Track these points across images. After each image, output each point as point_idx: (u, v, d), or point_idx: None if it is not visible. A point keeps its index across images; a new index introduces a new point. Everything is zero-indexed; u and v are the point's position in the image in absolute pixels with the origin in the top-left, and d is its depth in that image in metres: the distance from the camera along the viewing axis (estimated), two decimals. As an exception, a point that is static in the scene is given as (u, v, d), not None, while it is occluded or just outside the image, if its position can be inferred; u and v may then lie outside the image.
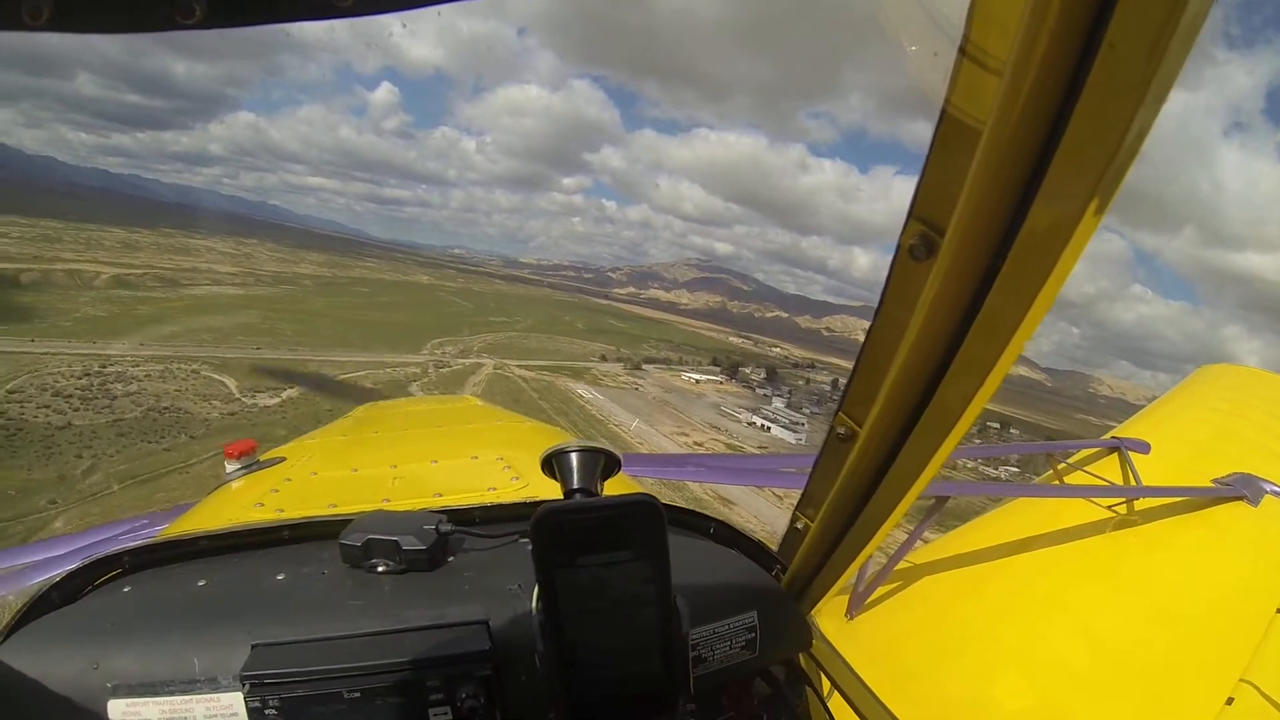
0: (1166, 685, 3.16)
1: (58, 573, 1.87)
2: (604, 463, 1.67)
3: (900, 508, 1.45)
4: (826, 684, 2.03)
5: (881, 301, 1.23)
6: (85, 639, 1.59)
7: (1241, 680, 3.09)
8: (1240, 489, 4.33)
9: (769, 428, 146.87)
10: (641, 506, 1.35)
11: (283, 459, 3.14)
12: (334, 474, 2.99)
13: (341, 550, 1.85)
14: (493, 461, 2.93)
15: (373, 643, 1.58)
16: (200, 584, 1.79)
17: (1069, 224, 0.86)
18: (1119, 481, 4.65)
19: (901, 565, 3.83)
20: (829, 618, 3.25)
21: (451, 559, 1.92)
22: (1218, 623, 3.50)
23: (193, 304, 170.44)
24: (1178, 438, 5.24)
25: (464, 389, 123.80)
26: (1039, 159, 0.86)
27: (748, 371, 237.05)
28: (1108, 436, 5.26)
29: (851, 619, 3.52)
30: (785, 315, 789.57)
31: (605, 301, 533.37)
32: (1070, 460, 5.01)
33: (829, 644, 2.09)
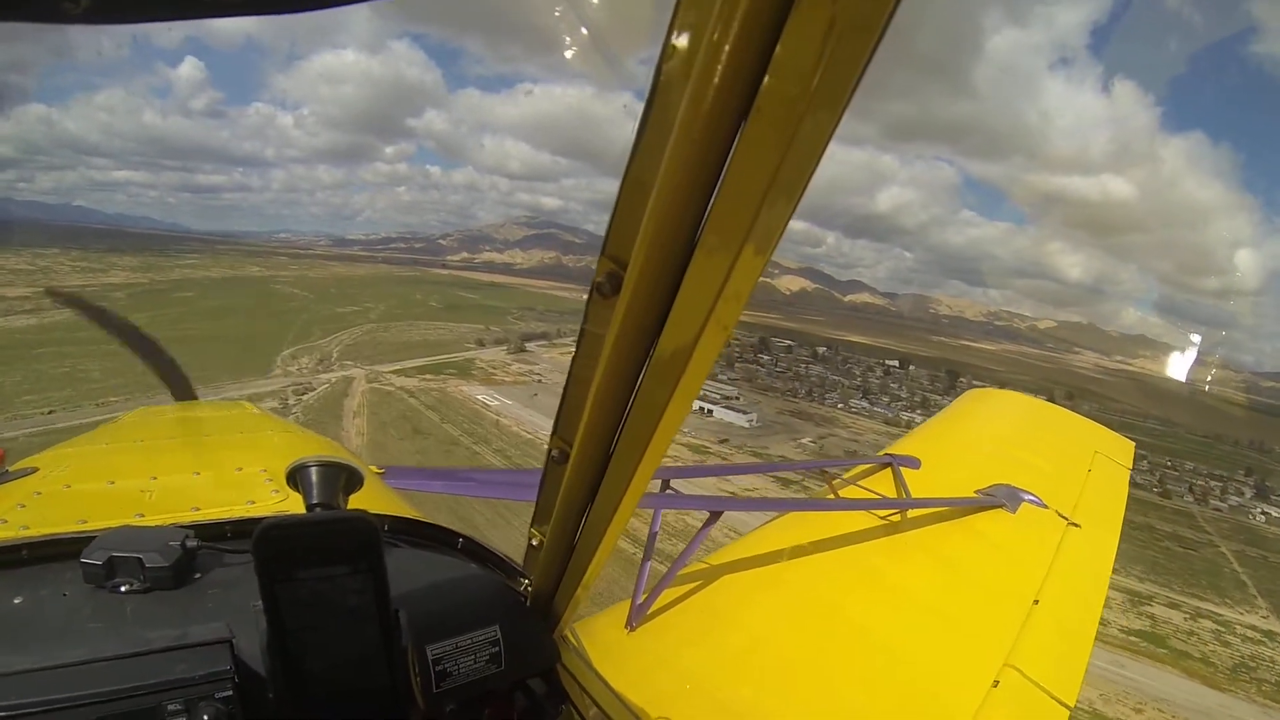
0: (939, 674, 3.43)
1: None
2: (345, 478, 1.68)
3: (616, 520, 1.47)
4: (582, 697, 2.05)
5: (580, 334, 1.27)
6: None
7: (1006, 665, 3.37)
8: (1001, 498, 4.72)
9: (710, 410, 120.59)
10: (356, 522, 1.36)
11: (34, 470, 2.86)
12: (88, 486, 2.76)
13: (83, 569, 1.71)
14: (256, 474, 2.82)
15: (111, 668, 1.45)
16: None
17: (727, 263, 0.93)
18: (892, 495, 4.81)
19: (683, 575, 3.86)
20: (608, 629, 3.53)
21: (198, 576, 1.80)
22: (984, 616, 3.82)
23: None
24: (946, 454, 5.59)
25: (344, 422, 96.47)
26: (703, 203, 0.92)
27: None
28: (881, 454, 5.45)
29: (632, 630, 3.49)
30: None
31: (445, 272, 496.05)
32: (845, 476, 5.14)
33: (584, 659, 2.12)
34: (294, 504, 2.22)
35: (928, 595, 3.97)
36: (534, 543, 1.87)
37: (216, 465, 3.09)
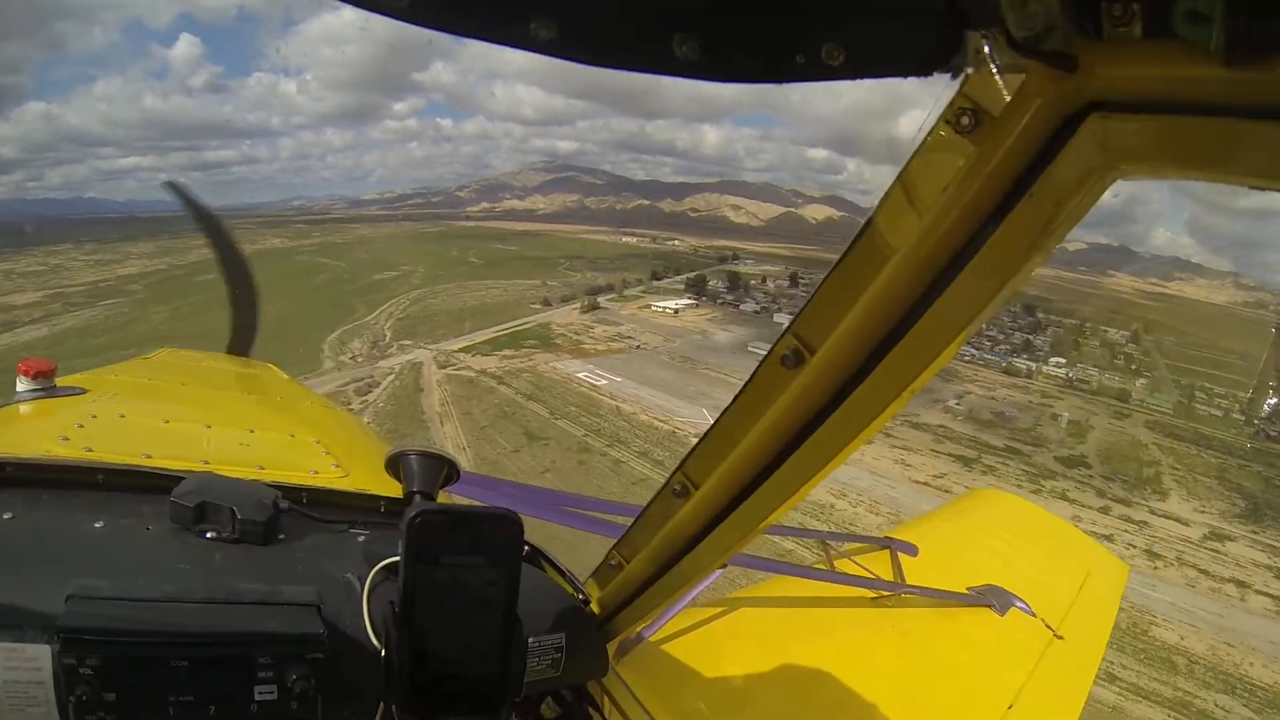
0: None
1: None
2: (445, 471, 1.75)
3: (711, 569, 1.56)
4: (609, 708, 2.12)
5: (744, 389, 1.27)
6: None
7: None
8: (990, 599, 4.62)
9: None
10: (505, 520, 1.44)
11: (83, 390, 2.92)
12: (144, 421, 2.84)
13: (172, 508, 1.72)
14: (310, 444, 2.89)
15: (203, 610, 1.46)
16: (6, 516, 1.63)
17: (929, 354, 0.98)
18: (887, 577, 4.68)
19: (675, 619, 3.78)
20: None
21: (282, 537, 1.83)
22: (957, 714, 3.80)
23: None
24: (943, 547, 5.42)
25: (432, 430, 78.77)
26: (917, 301, 0.95)
27: (711, 284, 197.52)
28: (882, 535, 5.33)
29: (619, 661, 3.32)
30: (647, 202, 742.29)
31: (470, 223, 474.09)
32: (843, 549, 5.02)
33: (619, 675, 2.19)
34: (355, 480, 2.33)
35: (907, 684, 3.88)
36: (613, 563, 1.89)
37: (268, 427, 3.16)
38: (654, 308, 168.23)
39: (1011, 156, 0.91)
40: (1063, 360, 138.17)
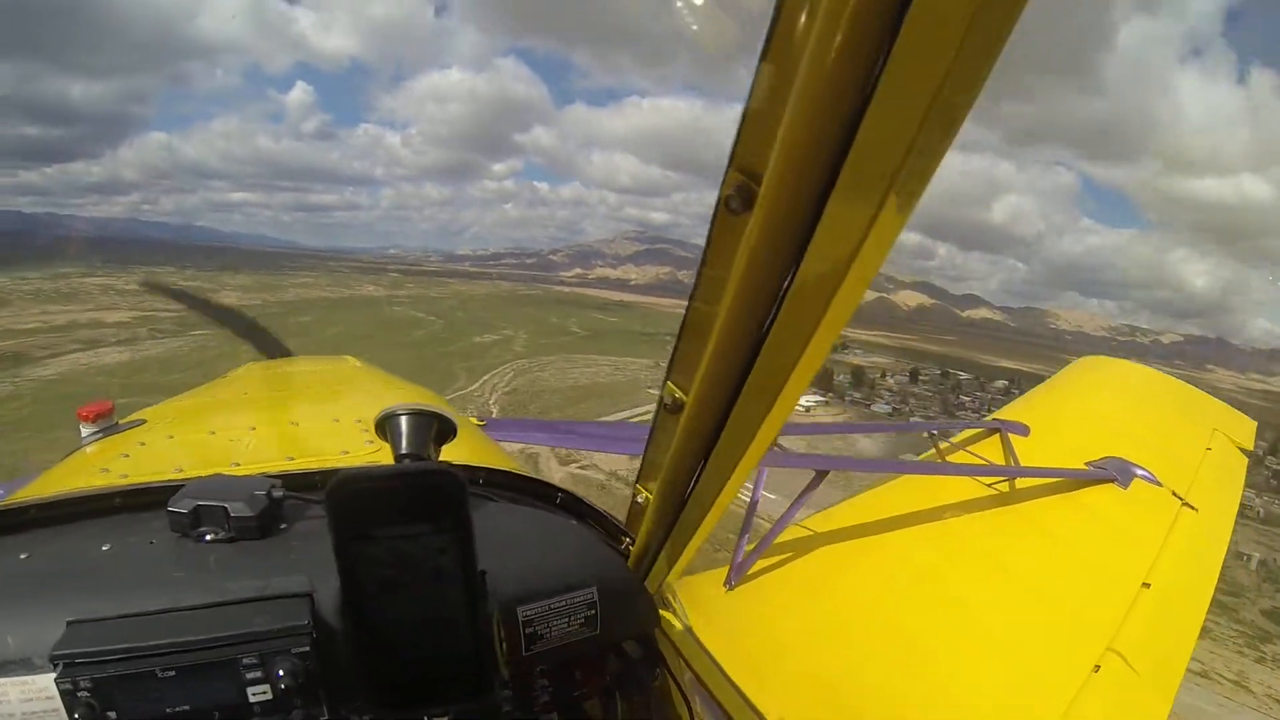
0: (1038, 656, 3.32)
1: None
2: (437, 427, 1.57)
3: (734, 478, 1.37)
4: (678, 662, 1.99)
5: (702, 262, 1.08)
6: None
7: (1108, 649, 3.25)
8: (1112, 472, 4.51)
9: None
10: (439, 476, 1.26)
11: (143, 421, 2.82)
12: (191, 437, 2.71)
13: (169, 518, 1.67)
14: (351, 424, 2.73)
15: (190, 617, 1.43)
16: (23, 557, 1.62)
17: (890, 170, 0.79)
18: (1000, 462, 4.72)
19: (783, 538, 3.82)
20: (707, 587, 3.52)
21: (284, 527, 1.74)
22: (1088, 597, 3.68)
23: (28, 403, 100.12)
24: (1055, 423, 5.35)
25: None
26: (860, 99, 0.77)
27: (831, 377, 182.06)
28: (989, 419, 5.33)
29: (730, 589, 3.49)
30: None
31: (565, 289, 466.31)
32: (953, 440, 5.02)
33: (684, 622, 2.05)
34: (389, 454, 2.09)
35: (1032, 571, 3.80)
36: (639, 499, 1.73)
37: (314, 416, 3.08)
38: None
39: None
40: None
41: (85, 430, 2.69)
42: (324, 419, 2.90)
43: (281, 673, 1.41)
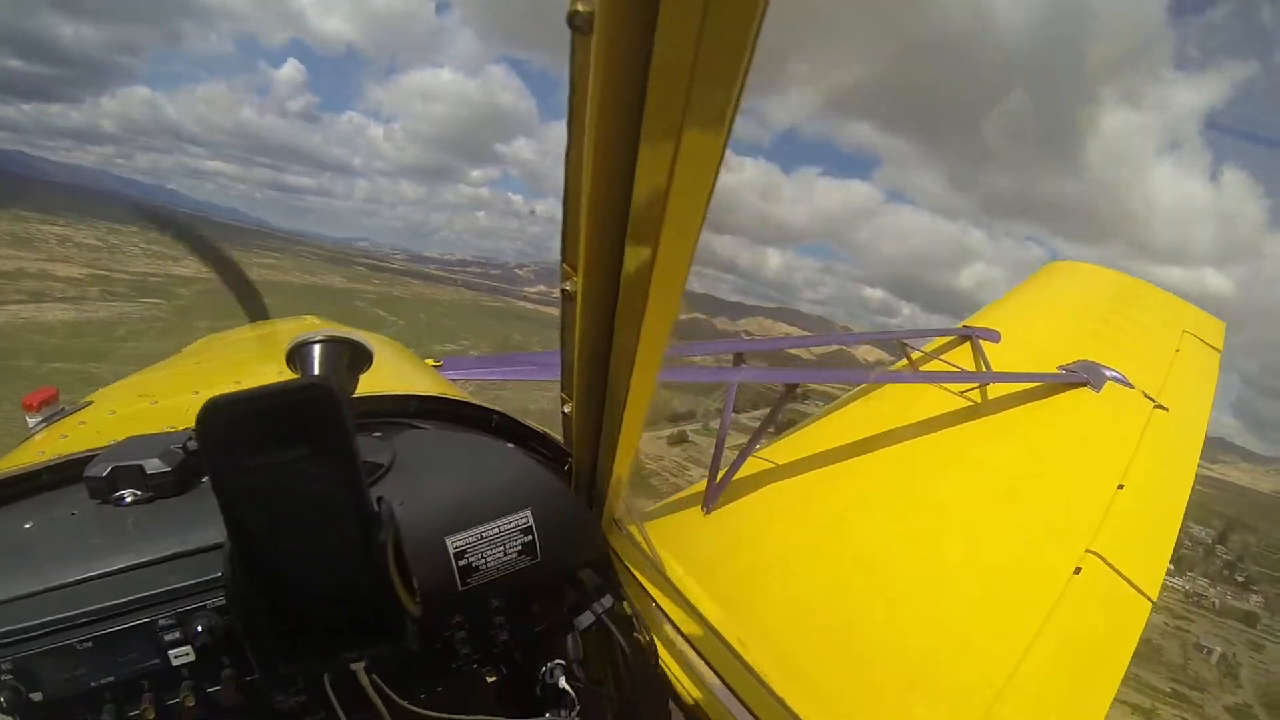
0: (1020, 561, 3.34)
1: None
2: (350, 354, 1.43)
3: (640, 365, 1.20)
4: (649, 588, 1.92)
5: (570, 93, 0.93)
6: None
7: (1088, 551, 3.27)
8: (1084, 375, 4.52)
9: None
10: (311, 390, 1.12)
11: (90, 403, 2.74)
12: (132, 409, 2.63)
13: (87, 485, 1.60)
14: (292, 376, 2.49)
15: (105, 585, 1.38)
16: None
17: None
18: (971, 369, 4.71)
19: (759, 458, 3.86)
20: (684, 512, 3.56)
21: (204, 480, 1.64)
22: (1066, 499, 3.70)
23: None
24: (1026, 329, 5.35)
25: None
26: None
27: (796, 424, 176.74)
28: (959, 326, 5.29)
29: (708, 513, 3.51)
30: (704, 317, 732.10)
31: (529, 306, 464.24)
32: (924, 349, 5.03)
33: (642, 546, 1.96)
34: None
35: (1009, 476, 3.82)
36: (565, 411, 1.61)
37: (261, 375, 2.52)
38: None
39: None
40: (1170, 567, 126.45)
41: (31, 420, 2.62)
42: (270, 376, 2.08)
43: (200, 629, 1.34)
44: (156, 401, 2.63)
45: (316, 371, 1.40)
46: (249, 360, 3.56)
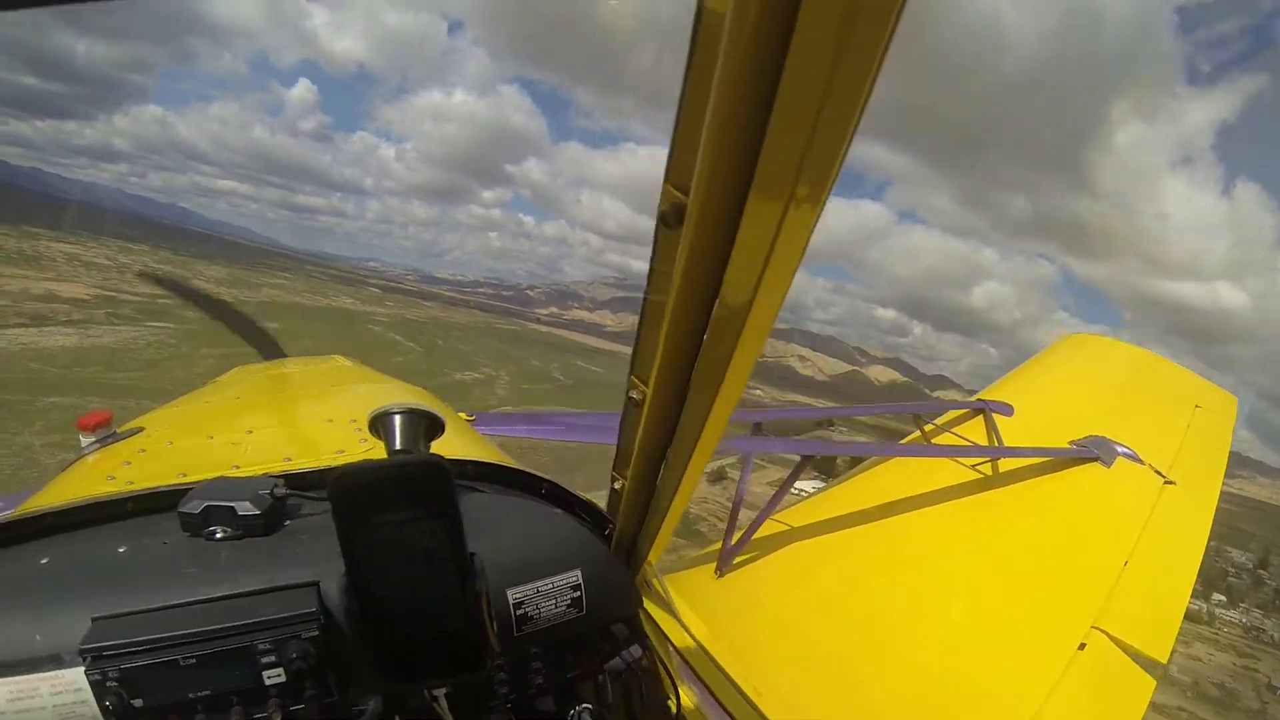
0: (1025, 634, 3.39)
1: None
2: (427, 424, 1.67)
3: (694, 462, 1.45)
4: (664, 645, 2.10)
5: (650, 270, 1.21)
6: None
7: (1093, 627, 3.31)
8: (1095, 451, 4.54)
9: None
10: (428, 467, 1.36)
11: (141, 429, 2.94)
12: (188, 442, 2.81)
13: (180, 519, 1.79)
14: (346, 424, 2.83)
15: (206, 609, 1.54)
16: (43, 562, 1.73)
17: (791, 179, 0.84)
18: (983, 442, 4.76)
19: (773, 523, 3.94)
20: (698, 575, 3.63)
21: (288, 523, 1.87)
22: (1073, 574, 3.73)
23: None
24: (1039, 402, 5.37)
25: None
26: (759, 126, 0.81)
27: (835, 461, 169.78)
28: (973, 399, 5.33)
29: (721, 576, 3.60)
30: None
31: (543, 328, 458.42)
32: (937, 422, 5.05)
33: (668, 604, 2.15)
34: (382, 452, 2.18)
35: (1018, 549, 3.86)
36: (615, 487, 1.82)
37: (308, 417, 3.21)
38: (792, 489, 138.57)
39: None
40: (1223, 598, 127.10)
41: (85, 440, 2.78)
42: (318, 419, 3.03)
43: (294, 656, 1.50)
44: (213, 437, 2.81)
45: (399, 439, 1.61)
46: (294, 401, 3.74)
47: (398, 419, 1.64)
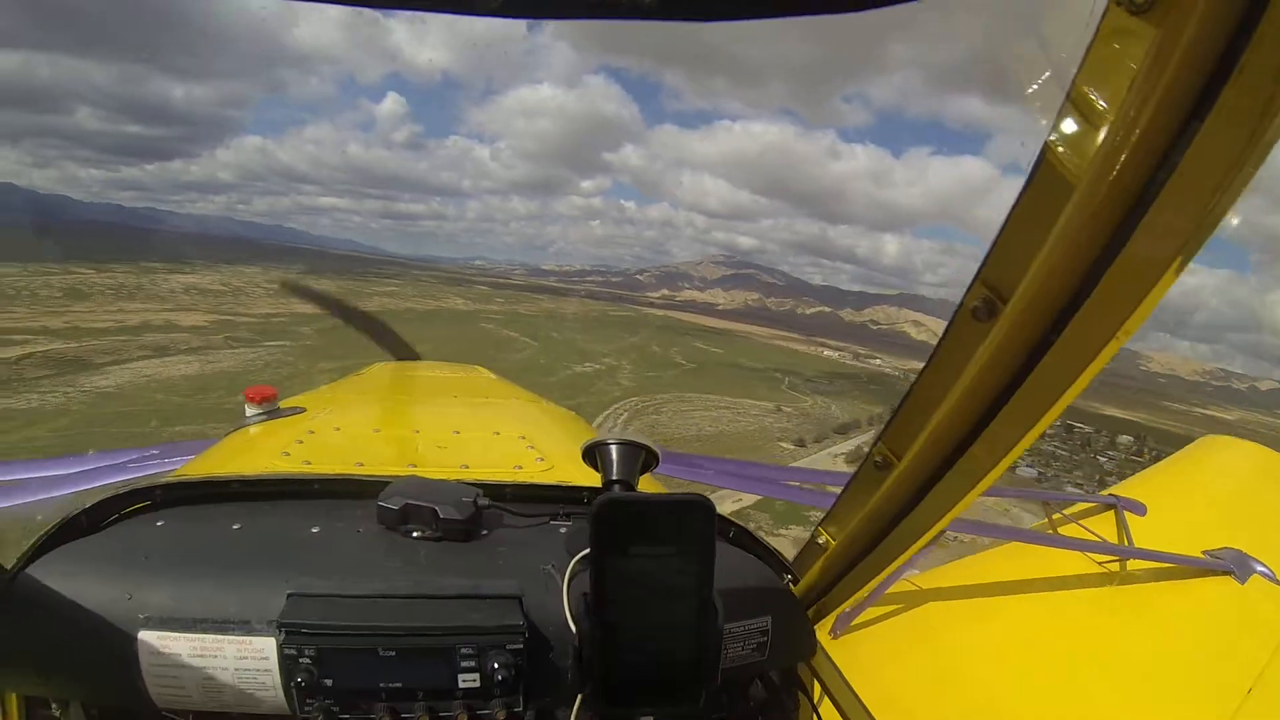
0: None
1: (80, 489, 1.93)
2: (644, 457, 1.73)
3: (924, 540, 1.50)
4: (818, 692, 2.12)
5: (937, 350, 1.23)
6: (118, 568, 1.60)
7: None
8: (1229, 564, 4.24)
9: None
10: (699, 507, 1.39)
11: (303, 409, 3.14)
12: (357, 431, 3.04)
13: (379, 511, 1.84)
14: (515, 439, 2.95)
15: (409, 606, 1.57)
16: (235, 527, 1.80)
17: (1145, 282, 0.85)
18: (1112, 539, 4.50)
19: (893, 591, 3.83)
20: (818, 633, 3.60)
21: (485, 533, 1.91)
22: (1192, 694, 3.50)
23: (74, 421, 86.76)
24: (1174, 504, 5.00)
25: None
26: (1120, 222, 0.83)
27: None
28: (1104, 493, 5.00)
29: (836, 637, 3.50)
30: (828, 309, 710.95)
31: (657, 311, 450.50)
32: (1066, 512, 4.79)
33: (828, 656, 2.18)
34: (559, 473, 2.42)
35: (1137, 656, 3.65)
36: (819, 541, 1.87)
37: (472, 426, 3.23)
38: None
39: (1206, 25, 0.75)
40: None
41: (250, 410, 2.98)
42: (483, 430, 3.10)
43: (496, 665, 1.53)
44: (379, 431, 3.01)
45: (615, 470, 1.69)
46: (451, 408, 3.81)
47: (615, 449, 1.70)
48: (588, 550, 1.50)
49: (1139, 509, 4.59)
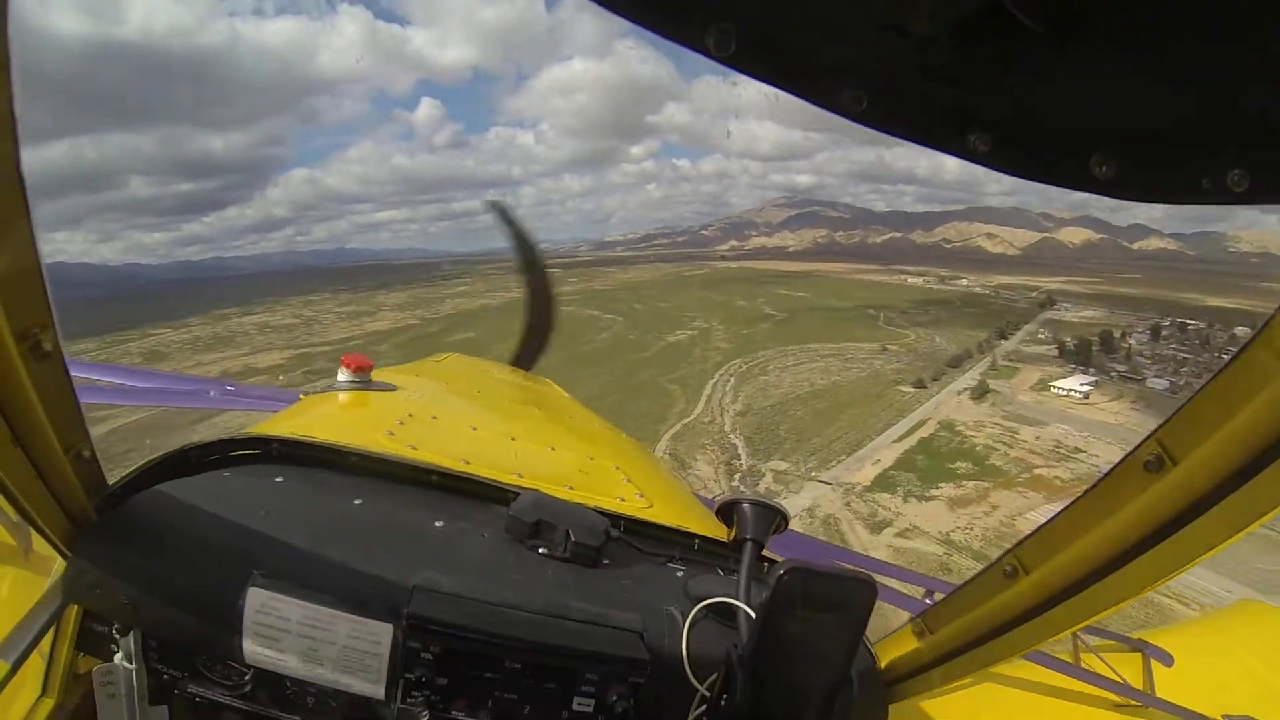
0: None
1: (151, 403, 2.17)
2: (777, 521, 1.85)
3: (1019, 652, 1.56)
4: None
5: (1096, 484, 1.28)
6: (237, 515, 1.60)
7: None
8: None
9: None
10: (864, 585, 1.46)
11: (394, 387, 3.18)
12: (454, 424, 3.08)
13: (509, 521, 1.87)
14: (609, 469, 2.99)
15: (537, 622, 1.58)
16: (356, 502, 1.82)
17: None
18: (1136, 683, 4.40)
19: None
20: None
21: (608, 563, 1.93)
22: None
23: None
24: (1200, 661, 4.94)
25: None
26: None
27: (1090, 346, 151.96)
28: (1135, 636, 4.94)
29: None
30: (899, 234, 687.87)
31: (730, 264, 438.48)
32: (1093, 643, 4.66)
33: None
34: (658, 513, 2.44)
35: None
36: (916, 630, 1.93)
37: (566, 446, 3.29)
38: (1056, 390, 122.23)
39: None
40: None
41: (342, 375, 3.00)
42: (576, 452, 3.17)
43: (616, 696, 1.55)
44: (476, 429, 3.00)
45: (751, 529, 1.80)
46: (538, 422, 3.89)
47: (750, 509, 1.82)
48: (715, 599, 1.61)
49: (1166, 659, 4.50)
